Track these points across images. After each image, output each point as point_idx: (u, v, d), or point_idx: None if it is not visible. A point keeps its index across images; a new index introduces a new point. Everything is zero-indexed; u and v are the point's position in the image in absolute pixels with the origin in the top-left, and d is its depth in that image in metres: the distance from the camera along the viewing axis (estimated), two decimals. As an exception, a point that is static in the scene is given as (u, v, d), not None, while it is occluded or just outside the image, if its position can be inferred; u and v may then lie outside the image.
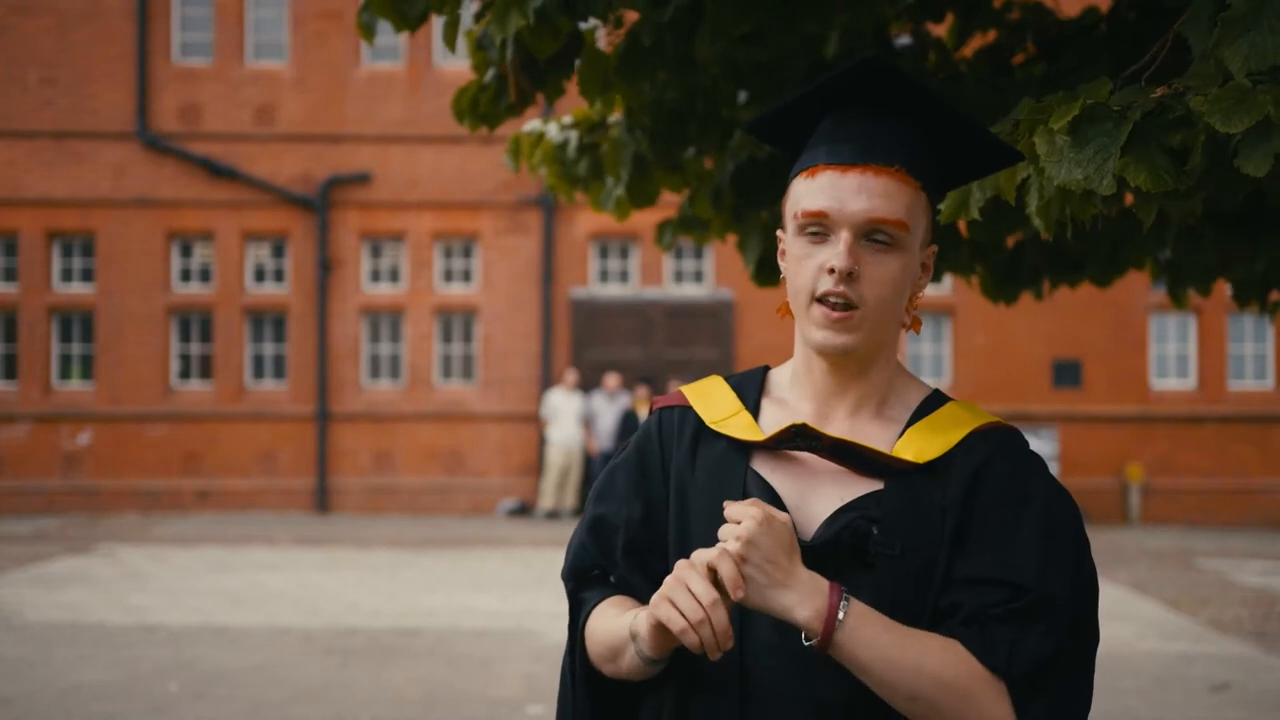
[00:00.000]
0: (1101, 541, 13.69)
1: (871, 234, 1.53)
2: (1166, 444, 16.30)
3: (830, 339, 1.54)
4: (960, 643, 1.47)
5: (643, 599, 1.61)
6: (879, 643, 1.45)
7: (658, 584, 1.50)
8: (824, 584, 1.46)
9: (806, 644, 1.46)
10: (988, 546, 1.51)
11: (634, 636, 1.53)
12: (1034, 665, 1.46)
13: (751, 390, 1.69)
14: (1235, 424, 16.30)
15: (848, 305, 1.53)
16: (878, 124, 1.57)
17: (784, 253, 1.64)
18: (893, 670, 1.45)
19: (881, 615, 1.47)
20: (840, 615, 1.44)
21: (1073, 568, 1.52)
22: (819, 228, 1.54)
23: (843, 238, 1.52)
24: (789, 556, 1.45)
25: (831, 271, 1.52)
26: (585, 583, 1.71)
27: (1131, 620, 9.10)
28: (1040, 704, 1.46)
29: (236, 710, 6.38)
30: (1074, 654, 1.50)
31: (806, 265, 1.55)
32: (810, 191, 1.55)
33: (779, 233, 1.67)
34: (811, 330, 1.56)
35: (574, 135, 4.29)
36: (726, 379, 1.73)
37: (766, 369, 1.73)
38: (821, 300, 1.54)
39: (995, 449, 1.57)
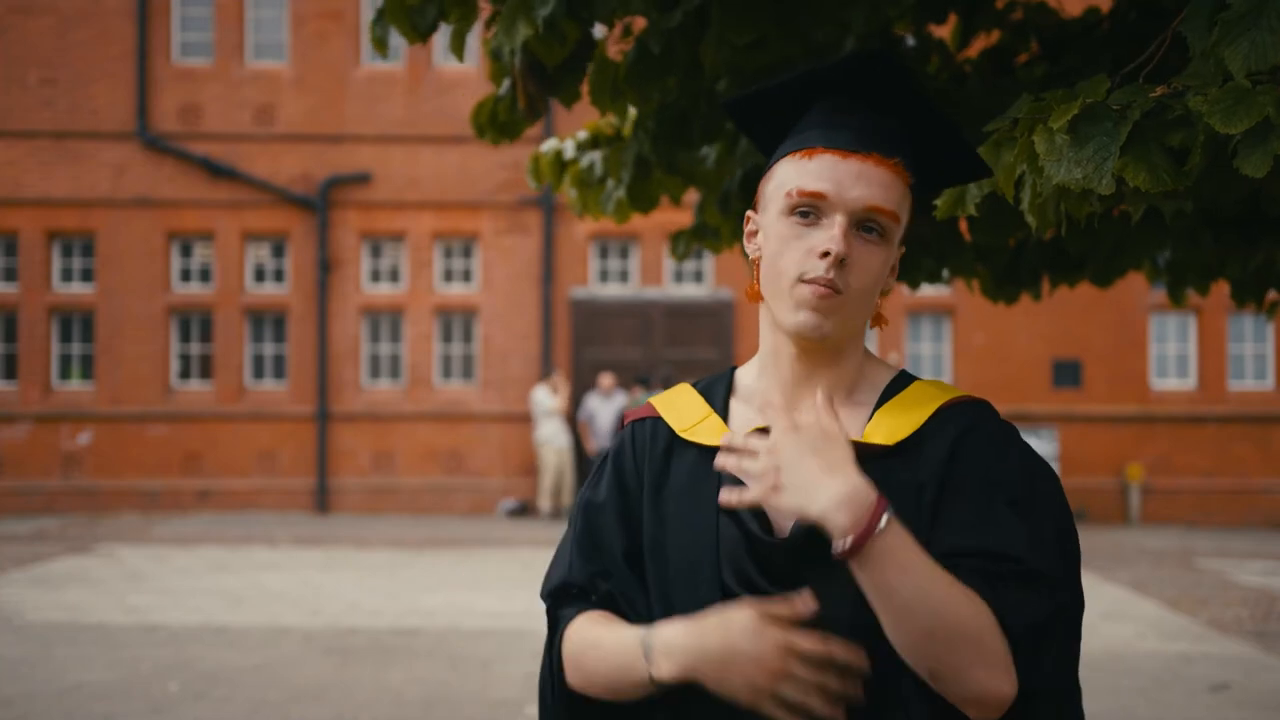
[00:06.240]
0: (1101, 541, 13.69)
1: (865, 223, 1.52)
2: (1166, 444, 16.30)
3: (809, 319, 1.51)
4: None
5: (629, 613, 1.61)
6: (912, 566, 1.38)
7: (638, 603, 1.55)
8: (870, 493, 1.39)
9: (836, 554, 1.39)
10: (969, 523, 1.48)
11: (647, 652, 1.52)
12: (1034, 626, 1.44)
13: (719, 392, 1.68)
14: (1235, 424, 16.30)
15: (834, 289, 1.51)
16: (877, 116, 1.55)
17: (753, 234, 1.62)
18: (919, 599, 1.38)
19: (917, 544, 1.41)
20: (881, 525, 1.37)
21: (1055, 537, 1.51)
22: (811, 209, 1.52)
23: (837, 222, 1.50)
24: (826, 457, 1.40)
25: (824, 255, 1.50)
26: (563, 600, 1.69)
27: (1131, 620, 9.10)
28: (1041, 660, 1.45)
29: (236, 710, 6.38)
30: (1067, 618, 1.49)
31: (794, 247, 1.52)
32: (806, 173, 1.53)
33: (749, 213, 1.64)
34: (792, 311, 1.53)
35: (598, 157, 4.29)
36: (694, 385, 1.72)
37: (733, 369, 1.71)
38: (810, 282, 1.51)
39: (966, 422, 1.55)
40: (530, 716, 6.30)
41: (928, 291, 15.76)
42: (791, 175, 1.54)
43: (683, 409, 1.68)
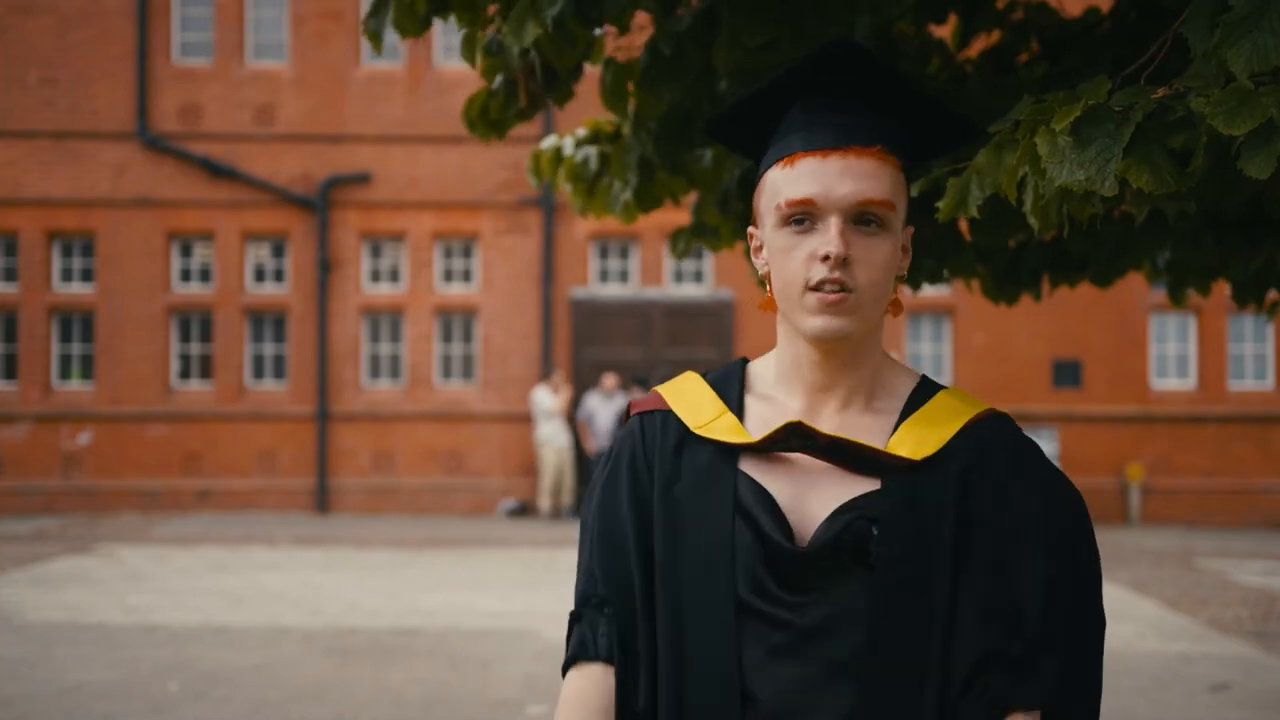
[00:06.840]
0: (1101, 541, 13.60)
1: (860, 217, 1.50)
2: (1166, 444, 16.30)
3: (828, 324, 1.49)
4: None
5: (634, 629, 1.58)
6: None
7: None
8: None
9: None
10: (989, 555, 1.50)
11: None
12: (1053, 691, 1.48)
13: (733, 388, 1.63)
14: (1235, 424, 16.29)
15: (843, 289, 1.49)
16: (852, 106, 1.54)
17: (759, 249, 1.60)
18: None
19: None
20: None
21: (1076, 561, 1.53)
22: (804, 216, 1.51)
23: (832, 223, 1.49)
24: None
25: (825, 259, 1.48)
26: (589, 607, 1.61)
27: (1131, 620, 9.10)
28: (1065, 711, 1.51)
29: (236, 710, 6.38)
30: (1084, 650, 1.53)
31: (794, 256, 1.51)
32: (791, 180, 1.51)
33: (751, 229, 1.63)
34: (807, 319, 1.51)
35: (593, 152, 4.29)
36: (704, 376, 1.68)
37: (744, 362, 1.67)
38: (816, 289, 1.50)
39: (991, 440, 1.55)
40: (530, 716, 6.30)
41: (928, 291, 15.75)
42: (778, 186, 1.53)
43: (694, 402, 1.62)
